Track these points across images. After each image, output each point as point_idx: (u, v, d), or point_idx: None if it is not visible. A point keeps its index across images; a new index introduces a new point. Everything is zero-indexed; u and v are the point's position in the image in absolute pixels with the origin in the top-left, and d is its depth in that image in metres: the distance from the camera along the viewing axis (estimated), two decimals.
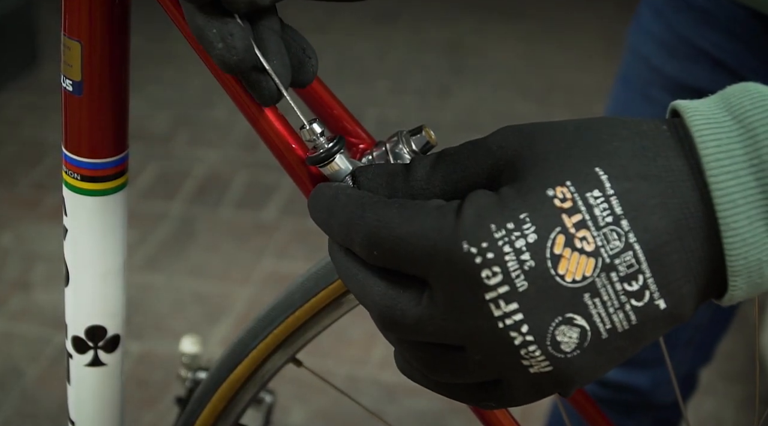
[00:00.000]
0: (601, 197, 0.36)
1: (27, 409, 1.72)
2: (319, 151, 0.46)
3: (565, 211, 0.36)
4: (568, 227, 0.36)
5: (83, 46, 0.48)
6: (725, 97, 0.38)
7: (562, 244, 0.36)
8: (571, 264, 0.36)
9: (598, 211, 0.36)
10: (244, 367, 0.58)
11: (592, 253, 0.36)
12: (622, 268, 0.36)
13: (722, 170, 0.36)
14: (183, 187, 2.39)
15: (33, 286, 2.02)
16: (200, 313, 1.95)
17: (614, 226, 0.36)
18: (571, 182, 0.36)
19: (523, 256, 0.36)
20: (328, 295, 0.54)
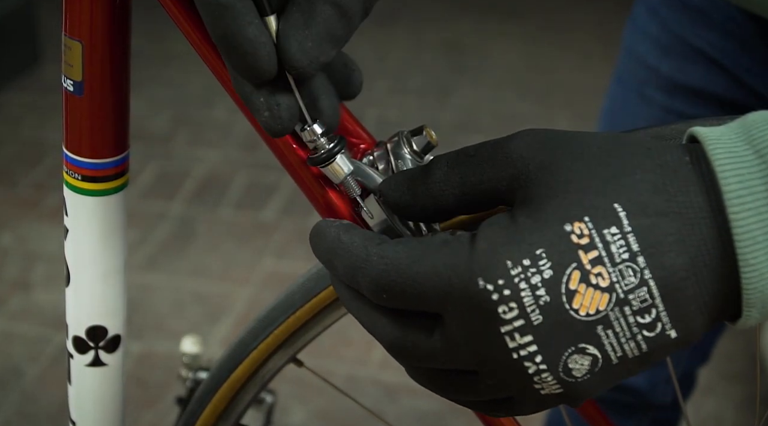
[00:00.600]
0: (618, 234, 0.36)
1: (27, 409, 1.71)
2: (320, 151, 0.46)
3: (582, 248, 0.36)
4: (584, 263, 0.36)
5: (84, 46, 0.48)
6: (746, 127, 0.38)
7: (578, 280, 0.36)
8: (586, 299, 0.36)
9: (615, 248, 0.36)
10: (244, 367, 0.58)
11: (607, 288, 0.36)
12: (636, 303, 0.36)
13: (743, 207, 0.36)
14: (183, 187, 2.39)
15: (33, 286, 2.02)
16: (200, 313, 1.95)
17: (630, 263, 0.36)
18: (589, 218, 0.36)
19: (538, 292, 0.36)
20: (329, 296, 0.54)
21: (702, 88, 0.83)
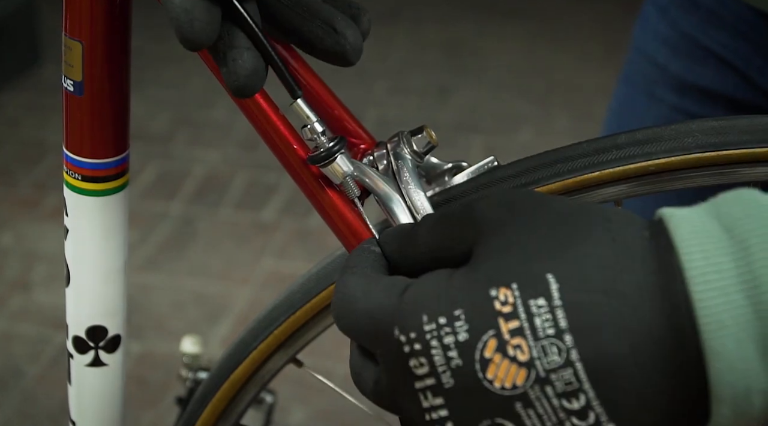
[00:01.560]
0: (545, 307, 0.33)
1: (27, 409, 1.71)
2: (320, 150, 0.46)
3: (503, 315, 0.34)
4: (503, 332, 0.34)
5: (84, 47, 0.48)
6: (716, 204, 0.34)
7: (494, 349, 0.34)
8: (501, 370, 0.34)
9: (539, 321, 0.33)
10: (244, 367, 0.58)
11: (526, 363, 0.34)
12: (560, 385, 0.33)
13: (708, 286, 0.32)
14: (183, 187, 2.39)
15: (33, 286, 2.02)
16: (200, 313, 1.95)
17: (555, 340, 0.33)
18: (517, 285, 0.34)
19: (450, 353, 0.35)
20: (329, 296, 0.54)
21: (712, 88, 0.83)
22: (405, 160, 0.48)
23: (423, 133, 0.50)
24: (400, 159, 0.48)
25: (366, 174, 0.47)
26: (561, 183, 0.49)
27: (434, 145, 0.50)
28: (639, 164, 0.48)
